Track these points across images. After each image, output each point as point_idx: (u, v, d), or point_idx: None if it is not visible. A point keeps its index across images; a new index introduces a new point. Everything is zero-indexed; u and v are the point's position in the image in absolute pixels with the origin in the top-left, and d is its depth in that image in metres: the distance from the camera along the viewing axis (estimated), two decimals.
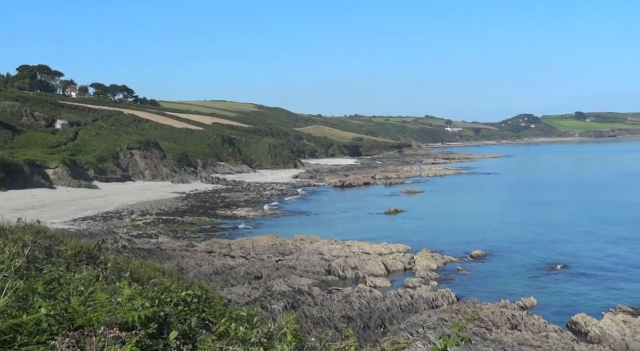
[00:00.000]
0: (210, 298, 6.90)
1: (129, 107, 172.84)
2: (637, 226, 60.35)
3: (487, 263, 46.18)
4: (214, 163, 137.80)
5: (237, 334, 5.25)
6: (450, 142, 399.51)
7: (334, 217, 73.39)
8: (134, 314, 5.09)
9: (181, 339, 5.25)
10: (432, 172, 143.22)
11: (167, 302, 5.81)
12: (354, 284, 39.47)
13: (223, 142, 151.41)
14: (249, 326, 5.52)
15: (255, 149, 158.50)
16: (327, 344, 5.64)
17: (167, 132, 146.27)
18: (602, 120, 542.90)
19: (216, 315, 5.95)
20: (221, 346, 5.04)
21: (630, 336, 27.94)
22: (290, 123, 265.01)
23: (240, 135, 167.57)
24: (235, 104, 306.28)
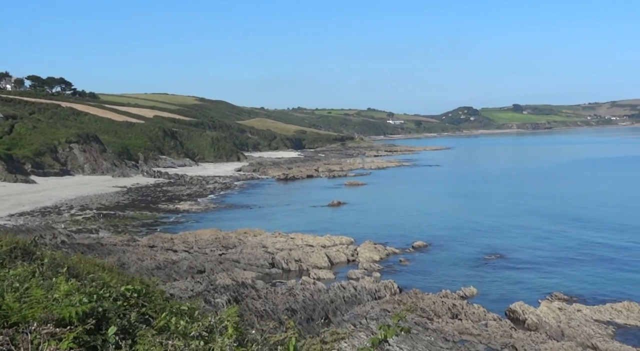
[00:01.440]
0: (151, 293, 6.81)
1: (67, 100, 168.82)
2: (572, 216, 62.00)
3: (428, 253, 46.82)
4: (156, 156, 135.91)
5: (177, 328, 5.20)
6: (392, 134, 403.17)
7: (278, 209, 73.30)
8: (71, 310, 4.99)
9: (120, 334, 5.17)
10: (375, 165, 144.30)
11: (105, 297, 5.71)
12: (297, 277, 39.53)
13: (165, 135, 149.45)
14: (190, 320, 5.47)
15: (198, 142, 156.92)
16: (268, 336, 5.63)
17: (107, 126, 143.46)
18: (538, 112, 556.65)
19: (156, 309, 5.88)
20: (161, 341, 4.98)
21: (565, 323, 28.75)
22: (233, 116, 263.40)
23: (182, 129, 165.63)
24: (177, 97, 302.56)
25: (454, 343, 25.12)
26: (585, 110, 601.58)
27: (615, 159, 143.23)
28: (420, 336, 24.85)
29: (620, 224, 56.34)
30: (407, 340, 23.79)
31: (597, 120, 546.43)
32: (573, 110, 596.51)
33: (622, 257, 43.66)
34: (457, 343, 25.21)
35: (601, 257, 43.94)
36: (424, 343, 24.13)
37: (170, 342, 4.95)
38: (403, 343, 23.29)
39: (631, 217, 60.32)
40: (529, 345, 25.28)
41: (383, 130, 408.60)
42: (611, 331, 27.92)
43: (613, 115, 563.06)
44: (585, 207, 68.11)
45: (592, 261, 42.73)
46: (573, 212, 64.35)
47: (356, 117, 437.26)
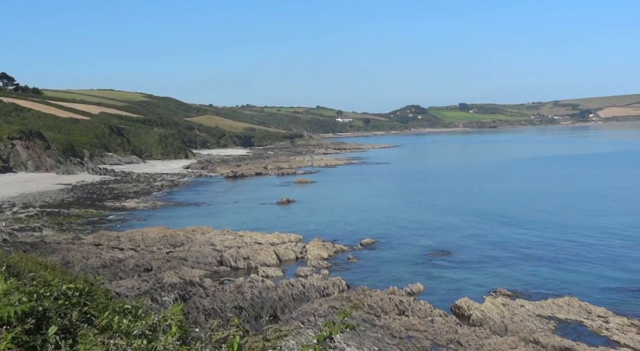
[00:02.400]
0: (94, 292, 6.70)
1: (10, 96, 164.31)
2: (517, 214, 63.22)
3: (376, 251, 47.17)
4: (102, 153, 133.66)
5: (120, 327, 5.13)
6: (341, 132, 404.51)
7: (226, 207, 72.92)
8: (9, 309, 4.87)
9: (61, 334, 5.07)
10: (324, 162, 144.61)
11: (46, 296, 5.59)
12: (246, 274, 39.39)
13: (111, 132, 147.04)
14: (134, 319, 5.40)
15: (145, 139, 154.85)
16: (211, 334, 5.60)
17: (51, 122, 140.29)
18: (484, 111, 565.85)
19: (99, 308, 5.78)
20: (103, 340, 4.91)
21: (509, 318, 29.32)
22: (181, 113, 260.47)
23: (129, 125, 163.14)
24: (124, 93, 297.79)
25: (401, 339, 25.38)
26: (529, 109, 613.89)
27: (556, 158, 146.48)
28: (368, 333, 25.02)
29: (562, 222, 57.67)
30: (355, 337, 23.93)
31: (541, 119, 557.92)
32: (517, 109, 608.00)
33: (564, 254, 44.70)
34: (403, 339, 25.48)
35: (544, 253, 44.91)
36: (372, 339, 24.31)
37: (112, 341, 4.89)
38: (351, 340, 23.42)
39: (572, 215, 61.77)
40: (474, 340, 25.71)
41: (332, 128, 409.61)
42: (552, 326, 28.59)
43: (555, 115, 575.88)
44: (529, 205, 69.51)
45: (535, 258, 43.64)
46: (517, 210, 65.60)
47: (305, 115, 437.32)
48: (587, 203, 68.82)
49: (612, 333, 27.33)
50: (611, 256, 43.29)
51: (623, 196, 73.71)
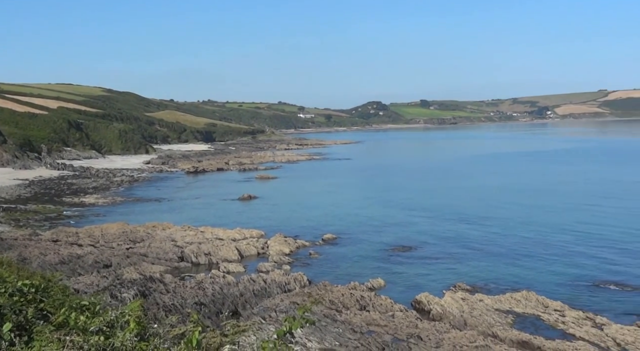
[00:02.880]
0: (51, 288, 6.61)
1: None
2: (475, 210, 63.97)
3: (338, 246, 47.32)
4: (60, 148, 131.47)
5: (77, 324, 5.07)
6: (302, 128, 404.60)
7: (187, 203, 72.43)
8: None
9: (16, 331, 5.00)
10: (286, 158, 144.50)
11: (1, 293, 5.50)
12: (207, 270, 39.22)
13: (70, 126, 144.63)
14: (91, 315, 5.34)
15: (105, 134, 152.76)
16: (169, 330, 5.57)
17: (7, 116, 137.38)
18: (444, 108, 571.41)
19: (56, 305, 5.71)
20: (59, 337, 4.85)
21: (468, 312, 29.69)
22: (141, 109, 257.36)
23: (88, 120, 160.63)
24: (83, 88, 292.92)
25: (362, 334, 25.51)
26: (489, 106, 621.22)
27: (515, 154, 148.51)
28: (329, 328, 25.11)
29: (520, 218, 58.52)
30: (316, 332, 24.01)
31: (500, 116, 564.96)
32: (477, 106, 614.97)
33: (521, 249, 45.37)
34: (364, 334, 25.61)
35: (502, 249, 45.53)
36: (333, 334, 24.41)
37: (68, 338, 4.83)
38: (312, 335, 23.49)
39: (529, 211, 62.70)
40: (434, 335, 25.97)
41: (294, 124, 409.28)
42: (510, 320, 29.02)
43: (514, 112, 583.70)
44: (488, 201, 70.39)
45: (493, 253, 44.22)
46: (476, 206, 66.38)
47: (267, 111, 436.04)
48: (543, 199, 69.92)
49: (568, 327, 27.84)
50: (566, 251, 44.07)
51: (577, 193, 75.04)
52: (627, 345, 25.54)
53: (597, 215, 58.32)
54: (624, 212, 59.25)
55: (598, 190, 76.48)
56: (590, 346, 25.32)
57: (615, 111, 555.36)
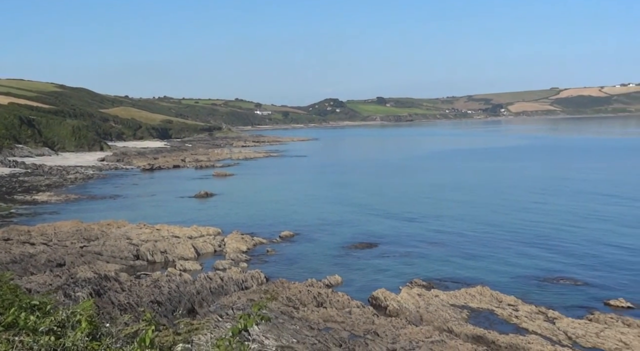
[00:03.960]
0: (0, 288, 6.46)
1: None
2: (432, 206, 64.61)
3: (295, 243, 47.33)
4: (11, 145, 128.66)
5: (27, 324, 4.97)
6: (260, 125, 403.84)
7: (143, 200, 71.63)
8: None
9: None
10: (243, 155, 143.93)
11: None
12: (163, 268, 38.91)
13: (21, 123, 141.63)
14: (42, 315, 5.23)
15: (58, 131, 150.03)
16: (122, 329, 5.50)
17: None
18: (400, 105, 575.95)
19: (5, 305, 5.58)
20: (8, 338, 4.75)
21: (424, 308, 29.98)
22: (95, 105, 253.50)
23: (40, 117, 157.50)
24: (34, 83, 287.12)
25: (319, 330, 25.58)
26: (444, 103, 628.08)
27: (469, 151, 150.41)
28: (286, 325, 25.11)
29: (474, 214, 59.31)
30: (273, 329, 23.98)
31: (455, 113, 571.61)
32: (433, 103, 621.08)
33: (476, 245, 45.98)
34: (321, 330, 25.68)
35: (457, 244, 46.07)
36: (290, 331, 24.41)
37: (17, 338, 4.73)
38: (269, 332, 23.45)
39: (483, 207, 63.57)
40: (390, 330, 26.16)
41: (251, 121, 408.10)
42: (465, 315, 29.39)
43: (469, 109, 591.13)
44: (444, 196, 71.15)
45: (449, 249, 44.71)
46: (432, 202, 67.05)
47: (224, 107, 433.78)
48: (496, 196, 70.95)
49: (522, 321, 28.32)
50: (519, 247, 44.79)
51: (530, 190, 76.32)
52: (578, 338, 26.09)
53: (547, 212, 59.42)
54: (573, 210, 60.44)
55: (549, 187, 77.90)
56: (543, 339, 25.79)
57: (567, 109, 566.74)
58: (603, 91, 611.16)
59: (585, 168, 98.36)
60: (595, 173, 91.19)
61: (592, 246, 44.35)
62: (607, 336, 25.95)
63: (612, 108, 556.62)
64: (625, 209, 59.22)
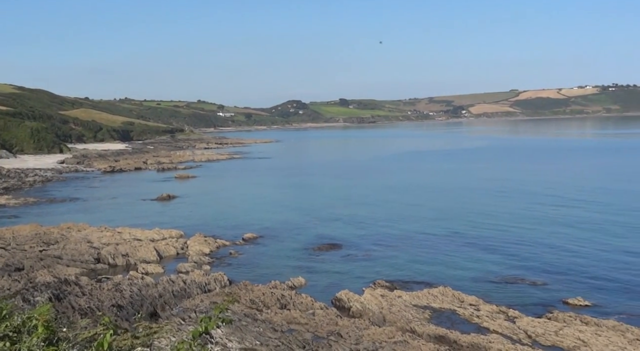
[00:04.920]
0: None
1: None
2: (395, 207, 65.00)
3: (259, 245, 47.22)
4: None
5: None
6: (222, 127, 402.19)
7: (104, 203, 70.79)
8: None
9: None
10: (205, 157, 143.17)
11: None
12: (125, 272, 38.49)
13: None
14: None
15: (16, 133, 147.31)
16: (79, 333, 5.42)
17: None
18: (363, 107, 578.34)
19: None
20: None
21: (387, 309, 30.14)
22: (55, 107, 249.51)
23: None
24: None
25: (282, 332, 25.54)
26: (406, 105, 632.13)
27: (432, 152, 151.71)
28: (249, 328, 25.03)
29: (436, 214, 59.79)
30: (237, 332, 23.88)
31: (417, 115, 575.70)
32: (395, 105, 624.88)
33: (439, 245, 46.39)
34: (285, 332, 25.65)
35: (421, 245, 46.43)
36: (253, 334, 24.34)
37: None
38: (232, 335, 23.35)
39: (445, 207, 64.14)
40: (353, 332, 26.25)
41: (213, 123, 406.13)
42: (428, 315, 29.62)
43: (431, 111, 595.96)
44: (407, 198, 71.61)
45: (412, 249, 45.02)
46: (395, 203, 67.45)
47: (186, 109, 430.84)
48: (458, 197, 71.67)
49: (483, 320, 28.64)
50: (480, 247, 45.31)
51: (490, 190, 77.22)
52: (538, 337, 26.48)
53: (507, 213, 60.16)
54: (533, 211, 61.32)
55: (509, 189, 78.90)
56: (503, 338, 26.12)
57: (526, 110, 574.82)
58: (561, 93, 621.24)
59: (543, 170, 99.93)
60: (554, 175, 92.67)
61: (551, 246, 45.04)
62: (565, 334, 26.39)
63: (570, 110, 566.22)
64: (583, 211, 60.27)
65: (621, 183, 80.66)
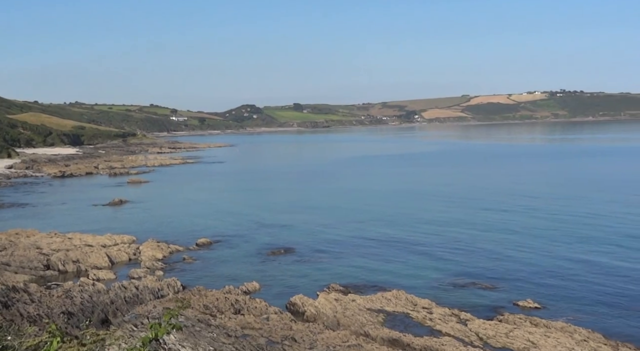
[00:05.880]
0: None
1: None
2: (348, 211, 65.30)
3: (213, 250, 46.97)
4: None
5: None
6: (176, 131, 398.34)
7: (54, 208, 69.52)
8: None
9: None
10: (158, 162, 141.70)
11: None
12: (76, 278, 37.90)
13: None
14: None
15: None
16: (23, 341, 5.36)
17: None
18: (317, 111, 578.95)
19: None
20: None
21: (341, 313, 30.28)
22: (2, 110, 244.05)
23: None
24: None
25: (236, 338, 25.46)
26: (360, 110, 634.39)
27: (385, 157, 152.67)
28: (203, 333, 24.87)
29: (390, 219, 60.27)
30: (190, 338, 23.71)
31: (371, 120, 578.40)
32: (349, 109, 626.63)
33: (392, 249, 46.78)
34: (239, 338, 25.57)
35: (374, 249, 46.76)
36: (207, 339, 24.19)
37: None
38: (186, 341, 23.17)
39: (399, 212, 64.67)
40: (308, 336, 26.30)
41: (167, 127, 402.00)
42: (381, 319, 29.86)
43: (384, 115, 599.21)
44: (360, 202, 72.00)
45: (366, 253, 45.30)
46: (349, 208, 67.75)
47: (138, 113, 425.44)
48: (410, 201, 72.34)
49: (435, 323, 28.99)
50: (433, 251, 45.84)
51: (442, 195, 78.13)
52: (489, 339, 26.93)
53: (458, 218, 60.94)
54: (483, 216, 62.26)
55: (460, 193, 79.94)
56: (456, 341, 26.49)
57: (477, 115, 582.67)
58: (511, 99, 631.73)
59: (493, 175, 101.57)
60: (504, 181, 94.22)
61: (500, 251, 45.79)
62: (515, 336, 26.90)
63: (520, 115, 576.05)
64: (530, 217, 61.41)
65: (565, 188, 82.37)
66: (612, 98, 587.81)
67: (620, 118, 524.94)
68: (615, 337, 27.52)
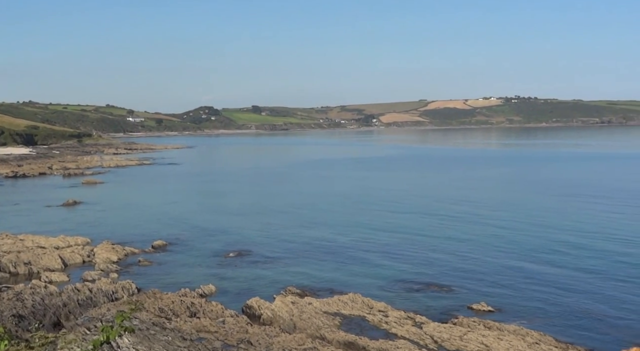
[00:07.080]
0: None
1: None
2: (305, 214, 65.40)
3: (169, 253, 46.57)
4: None
5: None
6: (132, 132, 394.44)
7: (5, 210, 68.14)
8: None
9: None
10: (114, 163, 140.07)
11: None
12: (27, 280, 37.19)
13: None
14: None
15: None
16: None
17: None
18: (276, 114, 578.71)
19: None
20: None
21: (297, 316, 30.27)
22: None
23: None
24: None
25: (192, 341, 25.26)
26: (318, 113, 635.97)
27: (343, 160, 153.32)
28: (158, 337, 24.63)
29: (347, 221, 60.51)
30: (144, 341, 23.46)
31: (329, 123, 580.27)
32: (307, 112, 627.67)
33: (349, 252, 46.96)
34: (194, 341, 25.38)
35: (331, 252, 46.87)
36: (162, 343, 23.97)
37: None
38: (139, 344, 22.92)
39: (356, 215, 64.98)
40: (264, 339, 26.24)
41: (123, 128, 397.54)
42: (338, 322, 29.93)
43: (342, 119, 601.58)
44: (317, 205, 72.13)
45: (323, 256, 45.41)
46: (306, 211, 67.84)
47: (94, 114, 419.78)
48: (366, 205, 72.67)
49: (391, 326, 29.18)
50: (389, 254, 46.12)
51: (399, 198, 78.73)
52: (444, 342, 27.21)
53: (413, 222, 61.50)
54: (438, 219, 62.93)
55: (418, 196, 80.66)
56: (411, 344, 26.70)
57: (434, 120, 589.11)
58: (467, 104, 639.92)
59: (448, 179, 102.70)
60: (459, 185, 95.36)
61: (455, 255, 46.30)
62: (469, 339, 27.23)
63: (476, 120, 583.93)
64: (484, 221, 62.26)
65: (520, 193, 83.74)
66: (564, 105, 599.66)
67: (572, 124, 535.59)
68: (566, 340, 28.07)
